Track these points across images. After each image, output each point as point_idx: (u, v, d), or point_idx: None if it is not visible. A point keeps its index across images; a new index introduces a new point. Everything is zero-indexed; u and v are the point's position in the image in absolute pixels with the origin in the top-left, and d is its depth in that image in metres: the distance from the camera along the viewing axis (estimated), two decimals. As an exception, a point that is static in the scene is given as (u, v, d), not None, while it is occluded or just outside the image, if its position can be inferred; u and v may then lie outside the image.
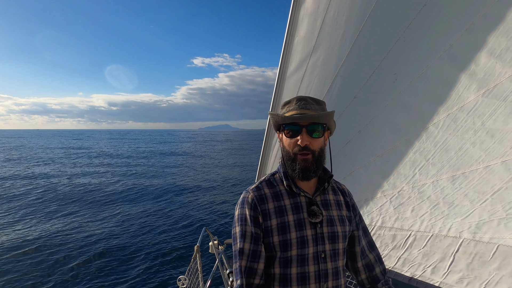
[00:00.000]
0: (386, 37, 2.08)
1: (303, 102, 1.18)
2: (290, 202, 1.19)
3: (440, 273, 1.82)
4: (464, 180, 1.79)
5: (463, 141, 1.80)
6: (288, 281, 1.13)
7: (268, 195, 1.21)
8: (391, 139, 2.13)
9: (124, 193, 16.86)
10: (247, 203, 1.19)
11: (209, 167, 29.99)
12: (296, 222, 1.15)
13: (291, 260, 1.13)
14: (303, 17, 2.36)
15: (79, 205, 13.98)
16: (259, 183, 1.27)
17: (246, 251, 1.15)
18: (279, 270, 1.15)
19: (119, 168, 28.18)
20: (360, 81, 2.23)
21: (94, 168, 28.09)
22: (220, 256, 2.72)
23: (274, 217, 1.16)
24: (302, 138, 1.13)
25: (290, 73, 2.52)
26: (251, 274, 1.14)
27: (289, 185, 1.21)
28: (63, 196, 15.82)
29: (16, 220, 11.39)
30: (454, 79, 1.83)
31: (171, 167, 30.18)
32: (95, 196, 15.73)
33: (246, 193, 1.23)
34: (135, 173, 24.88)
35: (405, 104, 2.05)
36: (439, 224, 1.88)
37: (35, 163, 30.83)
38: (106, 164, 31.15)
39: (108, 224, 11.06)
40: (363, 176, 2.29)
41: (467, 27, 1.77)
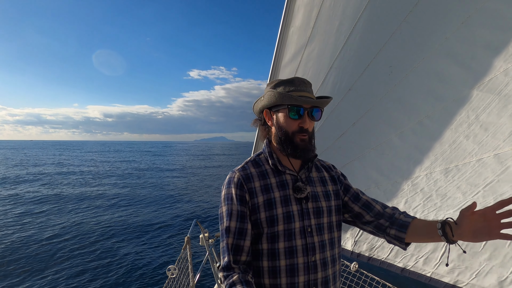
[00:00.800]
0: (382, 30, 2.07)
1: (303, 84, 1.21)
2: (275, 180, 1.22)
3: (432, 264, 1.85)
4: (457, 173, 1.82)
5: (457, 134, 1.82)
6: (276, 255, 1.15)
7: (254, 174, 1.23)
8: (385, 131, 2.13)
9: (116, 185, 16.70)
10: (233, 182, 1.21)
11: (202, 167, 29.95)
12: (282, 198, 1.18)
13: (278, 235, 1.15)
14: (298, 7, 2.32)
15: (74, 200, 13.82)
16: (244, 163, 1.29)
17: (233, 229, 1.17)
18: (267, 245, 1.17)
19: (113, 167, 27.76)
20: (355, 73, 2.22)
21: (87, 168, 27.65)
22: (210, 249, 2.71)
23: (261, 195, 1.19)
24: (305, 120, 1.17)
25: (285, 63, 2.49)
26: (238, 251, 1.16)
27: (274, 164, 1.24)
28: (55, 193, 15.53)
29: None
30: (449, 73, 1.84)
31: (166, 164, 29.92)
32: (88, 191, 15.53)
33: (232, 173, 1.25)
34: (130, 170, 24.62)
35: (400, 97, 2.05)
36: (431, 216, 1.90)
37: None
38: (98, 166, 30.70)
39: (100, 211, 10.97)
40: (357, 169, 2.30)
41: (463, 21, 1.77)
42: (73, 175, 20.72)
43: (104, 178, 21.05)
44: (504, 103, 1.64)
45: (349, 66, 2.25)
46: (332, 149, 2.42)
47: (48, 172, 22.77)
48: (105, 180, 19.78)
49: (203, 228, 2.91)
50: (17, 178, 19.96)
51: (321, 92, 2.39)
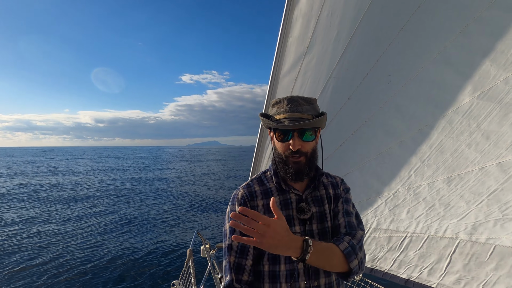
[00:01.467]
0: (380, 39, 2.07)
1: (294, 104, 1.14)
2: (279, 199, 1.20)
3: (437, 275, 1.82)
4: (459, 182, 1.81)
5: (458, 143, 1.82)
6: (277, 277, 1.12)
7: (258, 192, 1.22)
8: (385, 140, 2.12)
9: (117, 200, 16.53)
10: (237, 199, 1.20)
11: (201, 176, 29.87)
12: (285, 218, 1.14)
13: (280, 256, 1.13)
14: (297, 18, 2.32)
15: (72, 211, 13.62)
16: (250, 180, 1.28)
17: (235, 247, 1.15)
18: (268, 267, 1.14)
19: (108, 177, 27.56)
20: (354, 82, 2.22)
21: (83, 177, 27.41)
22: (211, 260, 2.66)
23: (263, 214, 1.13)
24: (294, 142, 1.12)
25: (284, 73, 2.48)
26: (240, 270, 1.14)
27: (278, 182, 1.22)
28: (52, 200, 15.31)
29: None
30: (449, 81, 1.84)
31: (165, 175, 29.79)
32: (86, 203, 15.34)
33: (237, 190, 1.24)
34: (128, 183, 24.40)
35: (399, 106, 2.05)
36: (435, 226, 1.88)
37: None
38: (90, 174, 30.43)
39: (101, 230, 10.80)
40: (358, 178, 2.28)
41: (461, 30, 1.78)
42: (60, 190, 20.37)
43: (95, 191, 20.79)
44: (505, 111, 1.64)
45: (348, 75, 2.24)
46: (332, 159, 2.40)
47: (30, 184, 22.47)
48: (96, 193, 19.53)
49: (204, 239, 2.87)
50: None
51: (320, 101, 2.38)
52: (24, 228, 11.03)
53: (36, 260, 8.01)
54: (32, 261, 7.95)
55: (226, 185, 23.42)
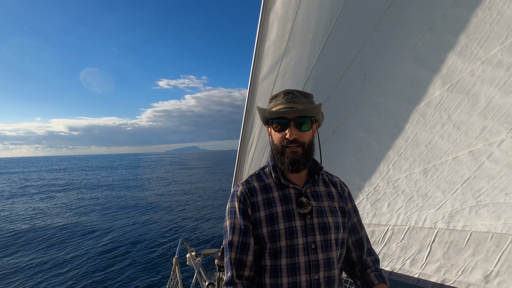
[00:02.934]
0: (354, 39, 2.15)
1: (290, 96, 1.19)
2: (278, 194, 1.20)
3: (419, 265, 1.86)
4: (435, 172, 1.86)
5: (432, 135, 1.88)
6: (279, 272, 1.12)
7: (257, 187, 1.22)
8: (364, 137, 2.18)
9: (97, 211, 16.14)
10: (236, 196, 1.21)
11: (182, 183, 29.50)
12: (285, 213, 1.16)
13: (281, 251, 1.13)
14: (273, 21, 2.39)
15: (57, 221, 13.20)
16: (249, 177, 1.29)
17: (235, 243, 1.16)
18: (269, 261, 1.15)
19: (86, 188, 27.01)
20: (331, 82, 2.28)
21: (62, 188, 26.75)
22: (198, 268, 2.64)
23: (263, 209, 1.17)
24: (290, 131, 1.14)
25: (263, 77, 2.53)
26: (241, 266, 1.15)
27: (277, 177, 1.22)
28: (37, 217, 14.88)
29: None
30: (420, 77, 1.92)
31: (143, 182, 29.32)
32: (67, 216, 14.92)
33: (236, 187, 1.25)
34: (105, 192, 23.94)
35: (375, 103, 2.11)
36: (414, 217, 1.93)
37: None
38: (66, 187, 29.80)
39: (84, 243, 10.50)
40: (339, 176, 2.28)
41: (429, 27, 1.87)
42: (35, 202, 19.75)
43: (71, 201, 20.27)
44: (473, 102, 1.71)
45: (326, 75, 2.31)
46: (315, 158, 2.44)
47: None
48: (73, 203, 19.01)
49: (189, 247, 2.84)
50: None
51: (299, 103, 2.44)
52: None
53: (18, 274, 7.74)
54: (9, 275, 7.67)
55: (208, 191, 23.21)
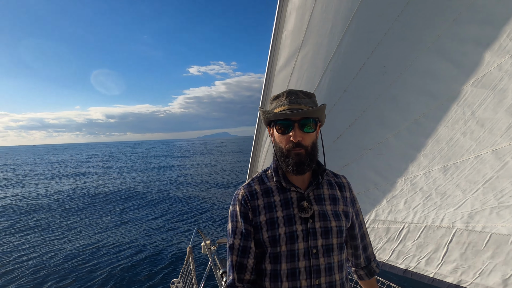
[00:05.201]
0: (374, 30, 2.07)
1: (293, 97, 1.16)
2: (280, 198, 1.19)
3: (434, 264, 1.82)
4: (455, 170, 1.80)
5: (453, 132, 1.81)
6: (279, 276, 1.12)
7: (258, 191, 1.21)
8: (381, 132, 2.12)
9: (114, 198, 16.65)
10: (238, 200, 1.21)
11: (201, 170, 29.91)
12: (286, 217, 1.15)
13: (281, 255, 1.12)
14: (290, 11, 2.33)
15: (70, 209, 13.77)
16: (250, 180, 1.28)
17: (236, 247, 1.17)
18: (269, 266, 1.14)
19: (110, 174, 27.84)
20: (349, 74, 2.22)
21: (85, 176, 27.73)
22: (212, 257, 2.68)
23: (263, 213, 1.16)
24: (295, 134, 1.11)
25: (279, 68, 2.49)
26: (242, 269, 1.16)
27: (278, 181, 1.20)
28: (56, 202, 15.55)
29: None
30: (443, 70, 1.83)
31: (163, 171, 29.94)
32: (85, 202, 15.48)
33: (238, 190, 1.25)
34: (125, 179, 24.62)
35: (394, 97, 2.05)
36: (432, 215, 1.88)
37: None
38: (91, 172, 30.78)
39: (98, 228, 10.88)
40: (355, 170, 2.28)
41: (454, 18, 1.77)
42: (62, 189, 20.63)
43: (92, 187, 21.03)
44: (499, 98, 1.63)
45: (344, 67, 2.24)
46: (329, 152, 2.40)
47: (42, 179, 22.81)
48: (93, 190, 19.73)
49: (204, 236, 2.89)
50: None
51: (317, 95, 2.37)
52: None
53: (35, 259, 8.16)
54: (30, 260, 8.09)
55: (228, 179, 23.28)
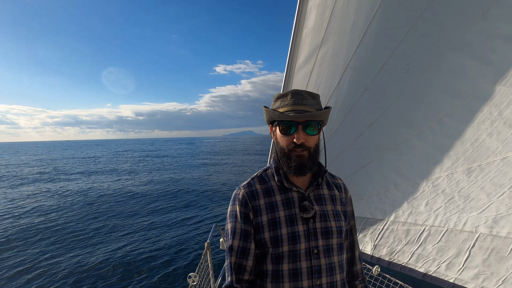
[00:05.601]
0: (397, 27, 2.01)
1: (298, 97, 1.14)
2: (281, 198, 1.18)
3: (455, 269, 1.76)
4: (480, 173, 1.73)
5: (479, 132, 1.73)
6: (280, 277, 1.12)
7: (259, 191, 1.20)
8: (403, 131, 2.07)
9: (137, 192, 17.18)
10: (238, 200, 1.19)
11: (224, 168, 30.23)
12: (287, 217, 1.14)
13: (283, 256, 1.12)
14: (311, 8, 2.31)
15: (96, 203, 14.34)
16: (251, 179, 1.26)
17: (235, 248, 1.16)
18: (271, 266, 1.14)
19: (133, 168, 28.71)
20: (371, 72, 2.17)
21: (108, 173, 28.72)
22: None
23: (265, 213, 1.15)
24: (298, 135, 1.10)
25: (299, 66, 2.48)
26: (241, 270, 1.15)
27: (280, 181, 1.19)
28: (78, 195, 16.25)
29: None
30: (469, 68, 1.76)
31: (185, 167, 30.50)
32: (108, 198, 16.08)
33: (238, 189, 1.23)
34: (149, 173, 25.31)
35: (417, 95, 1.98)
36: (454, 219, 1.81)
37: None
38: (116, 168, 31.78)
39: (118, 222, 11.27)
40: (375, 170, 2.23)
41: (482, 13, 1.69)
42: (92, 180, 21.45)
43: (118, 180, 21.69)
44: (529, 98, 1.54)
45: (365, 65, 2.20)
46: (350, 151, 2.37)
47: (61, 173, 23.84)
48: (117, 183, 20.38)
49: (223, 232, 2.92)
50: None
51: (337, 93, 2.36)
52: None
53: (56, 251, 8.54)
54: (49, 252, 8.49)
55: (249, 177, 23.28)
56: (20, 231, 10.12)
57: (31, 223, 11.02)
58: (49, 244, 8.95)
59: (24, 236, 9.70)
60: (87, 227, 10.67)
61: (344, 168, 2.41)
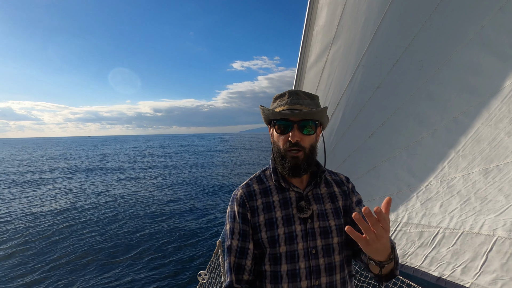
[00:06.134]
0: (410, 23, 1.95)
1: (295, 97, 1.14)
2: (278, 198, 1.18)
3: (471, 274, 1.69)
4: (498, 173, 1.65)
5: (497, 131, 1.66)
6: (279, 278, 1.11)
7: (257, 191, 1.20)
8: (417, 130, 2.00)
9: (150, 188, 17.47)
10: (236, 200, 1.20)
11: (234, 164, 30.30)
12: (284, 217, 1.14)
13: (281, 256, 1.11)
14: (322, 6, 2.27)
15: (112, 201, 14.66)
16: (249, 179, 1.27)
17: (234, 248, 1.16)
18: (269, 267, 1.13)
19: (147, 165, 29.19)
20: (383, 70, 2.12)
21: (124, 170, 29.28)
22: None
23: (262, 213, 1.15)
24: (293, 134, 1.10)
25: (311, 64, 2.45)
26: (240, 270, 1.15)
27: (277, 180, 1.20)
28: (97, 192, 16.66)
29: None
30: (486, 64, 1.69)
31: (197, 165, 30.78)
32: (124, 195, 16.39)
33: (236, 190, 1.24)
34: (163, 170, 25.68)
35: (432, 93, 1.92)
36: (470, 221, 1.74)
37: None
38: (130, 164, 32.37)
39: (133, 217, 11.47)
40: (388, 170, 2.18)
41: (500, 6, 1.61)
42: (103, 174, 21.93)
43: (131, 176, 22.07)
44: (550, 94, 1.46)
45: (377, 62, 2.15)
46: (362, 150, 2.32)
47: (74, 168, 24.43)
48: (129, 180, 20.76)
49: None
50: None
51: (349, 91, 2.31)
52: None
53: (63, 243, 8.77)
54: (61, 245, 8.72)
55: None
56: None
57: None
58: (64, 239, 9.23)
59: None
60: (95, 219, 10.95)
61: (356, 168, 2.36)
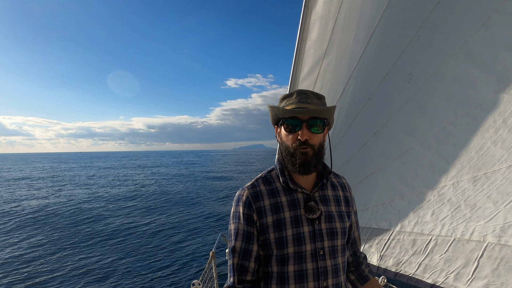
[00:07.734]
0: (399, 37, 2.04)
1: (303, 96, 1.14)
2: (286, 199, 1.16)
3: (464, 280, 1.72)
4: (486, 181, 1.71)
5: (483, 140, 1.73)
6: (286, 279, 1.10)
7: (263, 192, 1.18)
8: (407, 140, 2.06)
9: (143, 198, 17.24)
10: (242, 201, 1.17)
11: (227, 175, 30.20)
12: (293, 218, 1.12)
13: (288, 258, 1.10)
14: (314, 21, 2.36)
15: (105, 209, 14.38)
16: (255, 180, 1.24)
17: (238, 249, 1.15)
18: (276, 268, 1.12)
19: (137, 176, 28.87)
20: (374, 82, 2.19)
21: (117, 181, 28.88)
22: None
23: (270, 214, 1.14)
24: (302, 132, 1.10)
25: (303, 77, 2.51)
26: (243, 272, 1.14)
27: (285, 182, 1.18)
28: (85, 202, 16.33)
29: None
30: (471, 76, 1.77)
31: (191, 176, 30.55)
32: (115, 204, 16.12)
33: (242, 190, 1.21)
34: (155, 181, 25.41)
35: (420, 104, 1.99)
36: (461, 228, 1.79)
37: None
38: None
39: (124, 226, 11.27)
40: (380, 180, 2.22)
41: (482, 22, 1.71)
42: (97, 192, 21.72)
43: (125, 188, 21.79)
44: (533, 105, 1.54)
45: (368, 75, 2.22)
46: (354, 160, 2.37)
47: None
48: (125, 191, 20.46)
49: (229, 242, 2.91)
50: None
51: (340, 103, 2.38)
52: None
53: (49, 263, 8.50)
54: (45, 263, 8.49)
55: None
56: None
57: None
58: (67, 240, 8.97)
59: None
60: (94, 229, 10.70)
61: (349, 178, 2.38)
